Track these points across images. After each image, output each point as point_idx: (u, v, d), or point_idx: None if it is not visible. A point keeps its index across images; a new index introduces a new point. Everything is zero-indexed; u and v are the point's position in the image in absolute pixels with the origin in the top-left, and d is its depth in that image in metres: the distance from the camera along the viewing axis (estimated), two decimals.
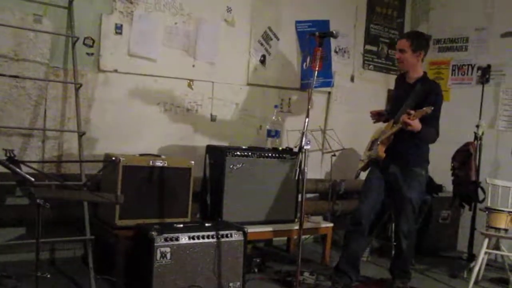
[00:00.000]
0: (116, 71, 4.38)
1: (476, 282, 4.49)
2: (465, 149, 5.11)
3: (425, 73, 4.18)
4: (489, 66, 5.72)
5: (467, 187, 5.05)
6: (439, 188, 5.75)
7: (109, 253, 3.79)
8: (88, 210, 3.77)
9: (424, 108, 3.75)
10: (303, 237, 3.65)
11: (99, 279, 3.68)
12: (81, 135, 3.94)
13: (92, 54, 4.26)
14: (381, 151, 4.07)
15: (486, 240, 4.46)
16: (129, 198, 3.77)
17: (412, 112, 3.77)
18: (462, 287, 4.45)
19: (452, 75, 6.26)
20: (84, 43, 4.21)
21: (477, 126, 5.17)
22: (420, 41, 4.06)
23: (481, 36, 5.94)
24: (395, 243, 4.33)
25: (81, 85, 4.01)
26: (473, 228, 5.31)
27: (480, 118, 5.22)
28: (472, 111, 5.45)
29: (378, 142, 4.13)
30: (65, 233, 3.88)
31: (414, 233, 4.16)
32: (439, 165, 5.29)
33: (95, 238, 3.76)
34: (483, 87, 5.46)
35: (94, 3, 4.24)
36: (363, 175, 4.43)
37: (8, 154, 2.44)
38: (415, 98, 4.00)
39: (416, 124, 3.75)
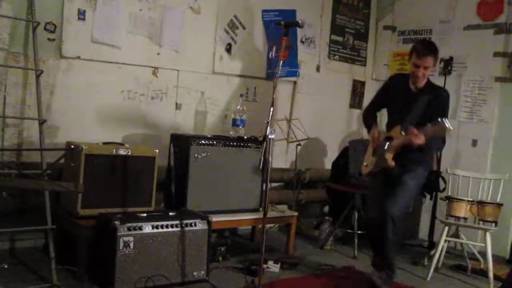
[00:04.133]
0: (79, 57, 4.30)
1: (436, 269, 4.61)
2: None
3: (428, 79, 4.08)
4: (451, 58, 5.81)
5: (428, 177, 5.13)
6: None
7: (71, 243, 3.73)
8: (49, 199, 3.71)
9: (427, 128, 3.65)
10: (267, 226, 3.66)
11: (61, 269, 3.62)
12: (41, 122, 3.85)
13: (54, 40, 4.17)
14: (390, 160, 3.93)
15: (446, 229, 4.57)
16: (92, 187, 3.74)
17: (416, 132, 3.67)
18: (423, 274, 4.55)
19: None
20: (45, 29, 4.10)
21: None
22: (438, 54, 4.03)
23: (444, 28, 6.04)
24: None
25: (42, 72, 3.91)
26: (433, 217, 5.42)
27: None
28: None
29: (385, 149, 3.96)
30: (26, 223, 3.79)
31: (401, 220, 3.98)
32: None
33: (56, 227, 3.70)
34: (445, 78, 5.55)
35: None
36: None
37: None
38: (422, 107, 3.96)
39: (422, 140, 3.68)
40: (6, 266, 2.54)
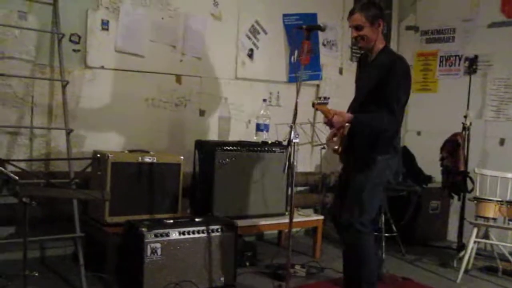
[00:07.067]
0: (103, 67, 4.36)
1: (466, 271, 4.53)
2: (453, 140, 5.12)
3: (385, 46, 3.53)
4: (476, 57, 5.74)
5: (456, 178, 5.07)
6: (429, 179, 5.80)
7: (99, 250, 3.78)
8: (78, 207, 3.76)
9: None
10: (293, 230, 3.65)
11: (90, 276, 3.66)
12: (68, 132, 3.91)
13: (79, 50, 4.24)
14: (335, 144, 3.50)
15: (475, 230, 4.50)
16: (119, 194, 3.78)
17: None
18: (452, 276, 4.48)
19: (439, 66, 6.29)
20: (70, 40, 4.18)
21: (465, 117, 5.18)
22: (374, 10, 3.43)
23: (468, 27, 5.96)
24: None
25: (68, 82, 3.99)
26: (462, 218, 5.33)
27: (467, 109, 5.23)
28: (460, 102, 5.46)
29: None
30: (55, 231, 3.86)
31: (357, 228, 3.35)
32: (428, 156, 5.34)
33: (85, 235, 3.75)
34: (470, 77, 5.47)
35: None
36: None
37: None
38: (369, 78, 3.47)
39: (337, 120, 3.31)
40: (36, 274, 2.59)
